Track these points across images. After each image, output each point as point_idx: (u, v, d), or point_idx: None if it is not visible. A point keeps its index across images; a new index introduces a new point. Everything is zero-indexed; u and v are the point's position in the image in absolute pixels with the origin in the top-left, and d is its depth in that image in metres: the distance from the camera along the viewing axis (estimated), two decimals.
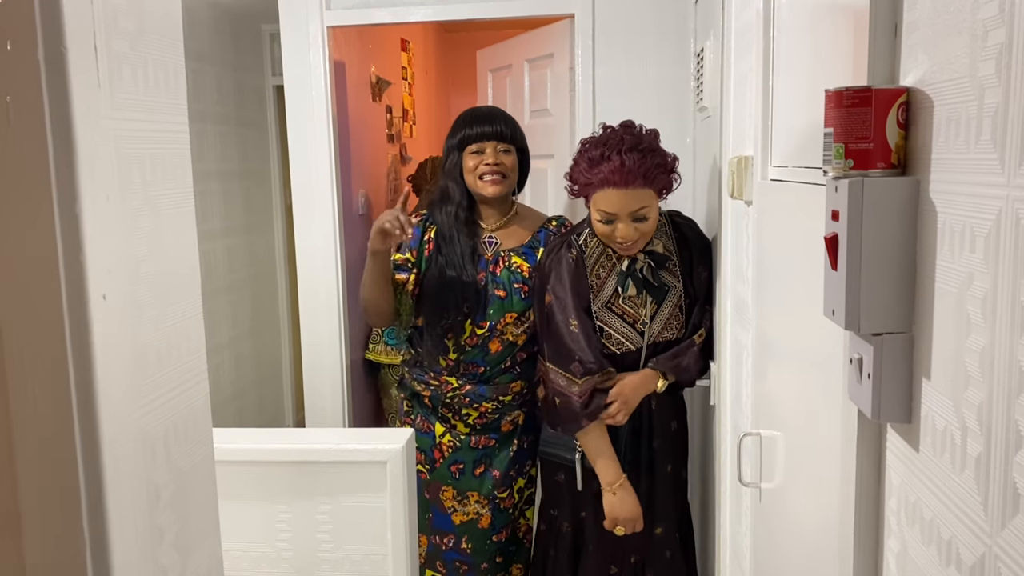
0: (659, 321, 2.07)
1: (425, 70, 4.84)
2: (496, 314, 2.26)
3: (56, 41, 0.62)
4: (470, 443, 2.35)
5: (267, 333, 4.00)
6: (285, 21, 2.93)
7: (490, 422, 2.34)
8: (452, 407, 2.34)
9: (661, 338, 2.07)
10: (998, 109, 0.67)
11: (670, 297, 2.07)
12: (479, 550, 2.38)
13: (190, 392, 0.82)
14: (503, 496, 2.37)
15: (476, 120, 2.31)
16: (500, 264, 2.30)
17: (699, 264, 2.10)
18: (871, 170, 0.86)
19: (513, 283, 2.28)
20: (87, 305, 0.65)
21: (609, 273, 2.07)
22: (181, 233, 0.81)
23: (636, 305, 2.06)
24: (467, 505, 2.37)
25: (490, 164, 2.24)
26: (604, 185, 1.92)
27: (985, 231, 0.69)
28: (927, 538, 0.81)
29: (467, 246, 2.27)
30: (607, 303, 2.06)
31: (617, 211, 1.92)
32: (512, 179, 2.29)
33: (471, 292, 2.23)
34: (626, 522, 2.06)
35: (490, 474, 2.36)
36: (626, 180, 1.89)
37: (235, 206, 3.62)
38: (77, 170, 0.64)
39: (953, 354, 0.75)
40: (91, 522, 0.66)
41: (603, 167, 1.91)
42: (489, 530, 2.38)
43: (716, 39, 2.06)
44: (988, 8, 0.69)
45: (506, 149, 2.27)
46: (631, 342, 2.06)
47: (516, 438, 2.35)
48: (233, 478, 1.63)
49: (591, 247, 2.07)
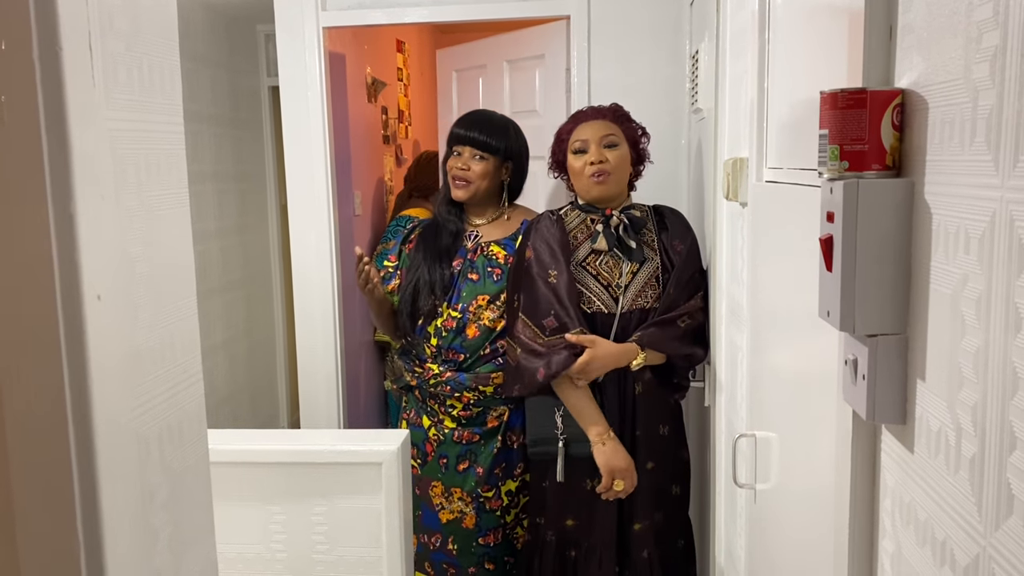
0: (634, 288, 2.11)
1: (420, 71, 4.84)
2: (468, 296, 2.36)
3: (51, 41, 0.62)
4: (453, 437, 2.38)
5: (262, 334, 3.99)
6: (280, 22, 2.93)
7: (475, 416, 2.37)
8: (437, 398, 2.38)
9: (635, 305, 2.11)
10: (992, 111, 0.68)
11: (647, 267, 2.13)
12: (465, 552, 2.38)
13: (185, 393, 0.82)
14: (488, 495, 2.37)
15: (463, 122, 2.47)
16: (478, 252, 2.41)
17: (675, 238, 2.17)
18: (866, 172, 0.86)
19: (487, 267, 2.38)
20: (82, 305, 0.65)
21: (587, 237, 2.17)
22: (176, 233, 0.81)
23: (611, 268, 2.13)
24: (452, 502, 2.38)
25: (459, 168, 2.41)
26: (576, 123, 2.18)
27: (979, 233, 0.70)
28: (921, 539, 0.81)
29: (448, 233, 2.43)
30: (582, 262, 2.15)
31: (588, 136, 2.12)
32: (481, 185, 2.41)
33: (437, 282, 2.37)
34: (621, 472, 2.07)
35: (474, 470, 2.36)
36: (595, 114, 2.19)
37: (230, 207, 3.62)
38: (72, 170, 0.64)
39: (947, 355, 0.76)
40: (85, 523, 0.66)
41: (577, 116, 2.23)
42: (474, 531, 2.37)
43: (711, 41, 2.06)
44: (983, 11, 0.69)
45: (481, 156, 2.40)
46: (603, 304, 2.11)
47: (501, 434, 2.36)
48: (228, 479, 1.63)
49: (571, 216, 2.22)
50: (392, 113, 4.13)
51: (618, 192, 2.16)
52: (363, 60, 3.62)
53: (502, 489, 2.38)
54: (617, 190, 2.15)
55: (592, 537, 2.17)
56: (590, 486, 2.14)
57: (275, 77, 3.47)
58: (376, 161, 3.81)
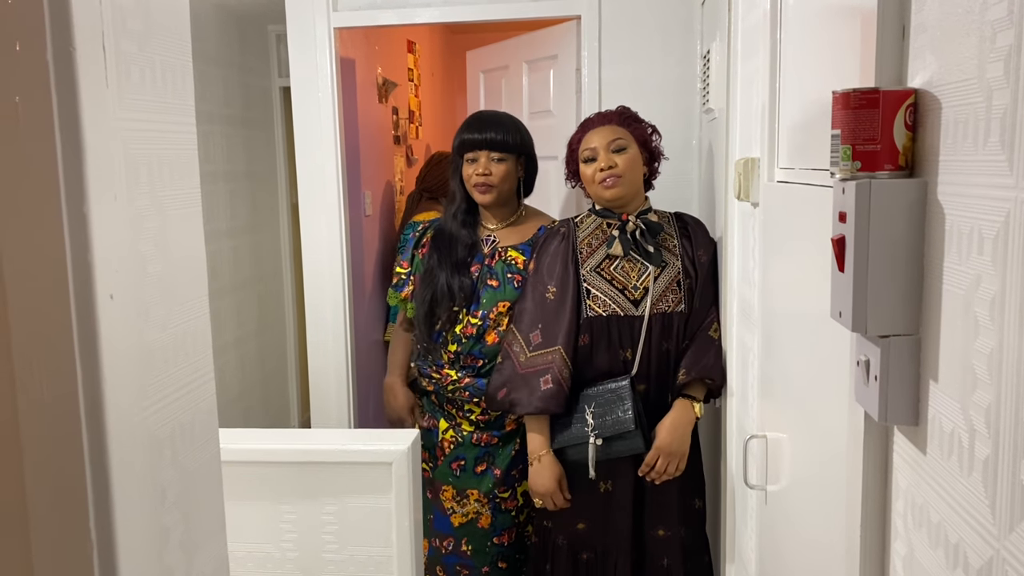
0: (655, 292, 2.11)
1: (431, 72, 4.84)
2: (488, 303, 2.32)
3: (65, 42, 0.62)
4: (472, 440, 2.36)
5: (273, 333, 4.00)
6: (292, 22, 2.94)
7: (493, 419, 2.35)
8: (455, 403, 2.37)
9: (657, 310, 2.10)
10: (1007, 111, 0.67)
11: (667, 271, 2.13)
12: (480, 551, 2.37)
13: (197, 392, 0.82)
14: (504, 496, 2.36)
15: (472, 126, 2.39)
16: (496, 257, 2.37)
17: (699, 248, 2.17)
18: (879, 172, 0.85)
19: (507, 273, 2.34)
20: (94, 305, 0.65)
21: (602, 243, 2.17)
22: (188, 233, 0.81)
23: (627, 272, 2.12)
24: (466, 505, 2.37)
25: (480, 175, 2.34)
26: (584, 132, 2.20)
27: (993, 233, 0.69)
28: (934, 541, 0.81)
29: (464, 246, 2.37)
30: (597, 267, 2.15)
31: (596, 144, 2.14)
32: (504, 187, 2.36)
33: (457, 291, 2.32)
34: (541, 495, 2.13)
35: (491, 472, 2.36)
36: (601, 120, 2.21)
37: (241, 206, 3.63)
38: (85, 170, 0.64)
39: (961, 356, 0.75)
40: (98, 522, 0.66)
41: (584, 124, 2.25)
42: (490, 531, 2.37)
43: (723, 40, 2.05)
44: (996, 9, 0.69)
45: (500, 157, 2.35)
46: (619, 307, 2.10)
47: (519, 436, 2.36)
48: (239, 478, 1.64)
49: (587, 223, 2.22)
50: (403, 113, 4.14)
51: (633, 193, 2.15)
52: (374, 60, 3.62)
53: (518, 490, 2.38)
54: (631, 191, 2.14)
55: (606, 540, 2.16)
56: (603, 488, 2.13)
57: (286, 77, 3.48)
58: (387, 161, 3.81)
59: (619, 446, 2.05)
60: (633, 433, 2.03)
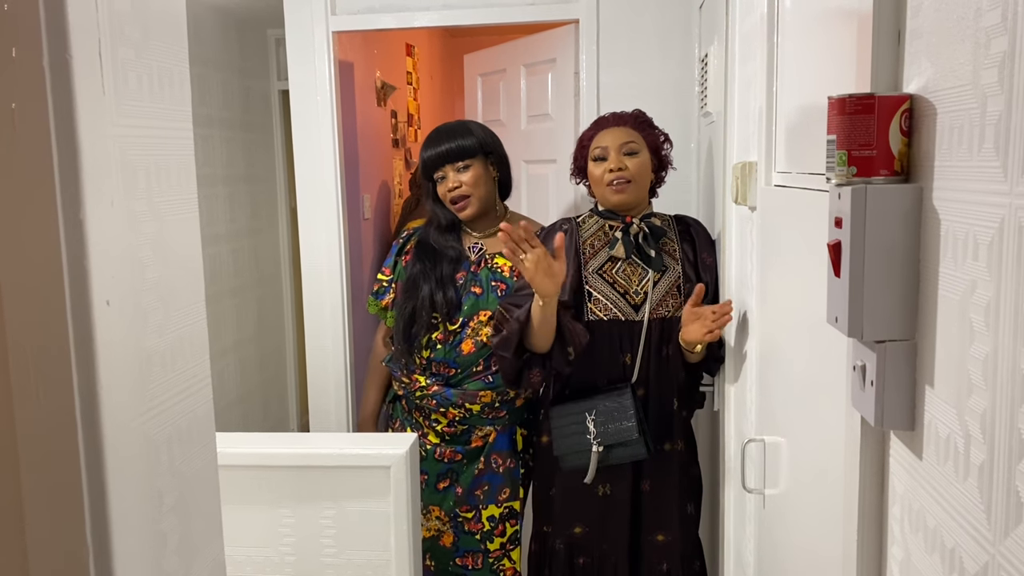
0: (655, 297, 2.09)
1: (430, 75, 4.85)
2: (470, 310, 2.28)
3: (61, 48, 0.63)
4: (435, 455, 2.32)
5: (272, 337, 4.00)
6: (290, 26, 2.94)
7: (459, 433, 2.31)
8: (423, 411, 2.33)
9: (656, 315, 2.09)
10: (1001, 117, 0.67)
11: (668, 276, 2.12)
12: (442, 570, 2.34)
13: (193, 397, 0.82)
14: (467, 516, 2.31)
15: (428, 145, 2.35)
16: (482, 264, 2.33)
17: (703, 251, 2.15)
18: (874, 177, 0.85)
19: (491, 281, 2.30)
20: (91, 310, 0.65)
21: (604, 244, 2.15)
22: (185, 239, 0.81)
23: (628, 276, 2.11)
24: (428, 520, 2.33)
25: (451, 190, 2.30)
26: (597, 129, 2.16)
27: (988, 239, 0.69)
28: (930, 546, 0.81)
29: (449, 260, 2.31)
30: (598, 269, 2.13)
31: (608, 143, 2.11)
32: (480, 193, 2.32)
33: (441, 305, 2.27)
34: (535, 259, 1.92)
35: (453, 490, 2.32)
36: (616, 120, 2.17)
37: (240, 210, 3.63)
38: (81, 177, 0.64)
39: (956, 362, 0.75)
40: (94, 527, 0.66)
41: (598, 122, 2.20)
42: (452, 550, 2.33)
43: (720, 44, 2.06)
44: (991, 16, 0.69)
45: (464, 165, 2.30)
46: (620, 311, 2.08)
47: (484, 456, 2.31)
48: (237, 483, 1.64)
49: (588, 223, 2.19)
50: (401, 117, 4.14)
51: (638, 200, 2.13)
52: (372, 64, 3.63)
53: (483, 513, 2.32)
54: (637, 198, 2.12)
55: (604, 544, 2.16)
56: (601, 492, 2.13)
57: (285, 81, 3.49)
58: (385, 165, 3.81)
59: (621, 452, 2.05)
60: (636, 441, 2.02)
